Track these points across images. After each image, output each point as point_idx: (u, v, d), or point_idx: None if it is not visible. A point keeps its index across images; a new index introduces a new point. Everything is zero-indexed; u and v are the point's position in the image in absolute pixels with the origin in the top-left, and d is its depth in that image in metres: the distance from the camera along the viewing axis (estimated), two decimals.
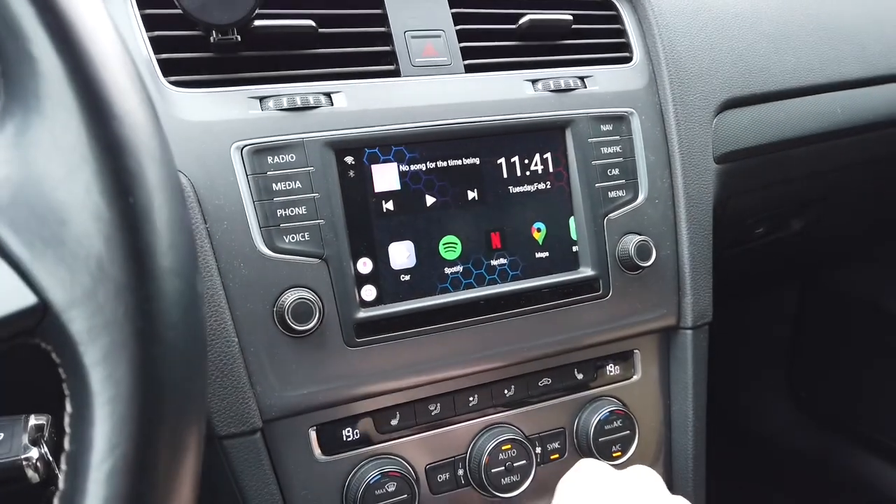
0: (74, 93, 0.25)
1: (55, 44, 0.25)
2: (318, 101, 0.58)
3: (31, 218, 0.25)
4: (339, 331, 0.57)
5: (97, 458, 0.24)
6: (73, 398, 0.25)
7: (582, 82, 0.68)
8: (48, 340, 0.26)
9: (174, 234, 0.27)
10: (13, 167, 0.25)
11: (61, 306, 0.25)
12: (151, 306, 0.25)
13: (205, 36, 0.57)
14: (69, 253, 0.25)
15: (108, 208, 0.25)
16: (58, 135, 0.25)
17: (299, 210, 0.56)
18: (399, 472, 0.60)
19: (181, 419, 0.26)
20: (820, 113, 0.81)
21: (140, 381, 0.25)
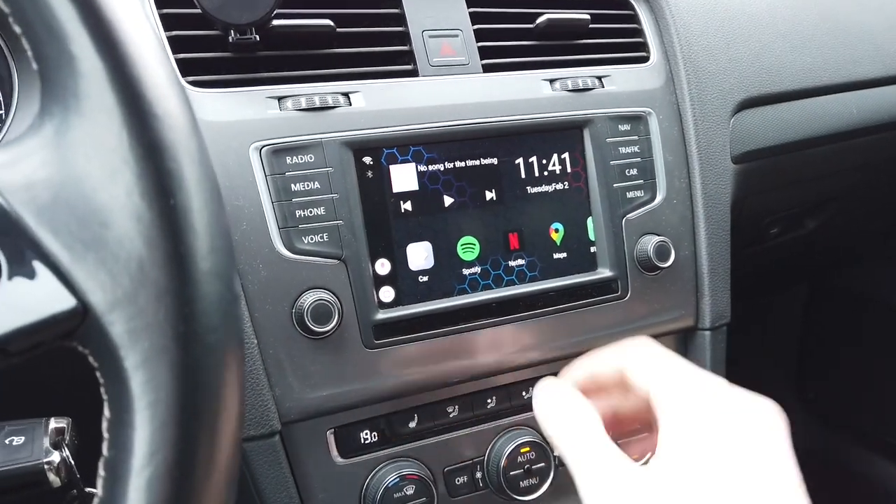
0: (115, 93, 0.25)
1: (96, 44, 0.25)
2: (337, 101, 0.58)
3: (72, 220, 0.24)
4: (358, 332, 0.57)
5: (138, 464, 0.24)
6: (112, 402, 0.25)
7: (599, 82, 0.68)
8: (86, 344, 0.25)
9: (214, 236, 0.26)
10: (53, 168, 0.25)
11: (102, 309, 0.24)
12: (192, 309, 0.25)
13: (223, 36, 0.56)
14: (110, 255, 0.24)
15: (149, 210, 0.25)
16: (98, 136, 0.25)
17: (318, 211, 0.56)
18: (417, 475, 0.60)
19: (221, 423, 0.26)
20: (836, 113, 0.81)
21: (181, 385, 0.24)
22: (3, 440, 0.44)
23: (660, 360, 0.41)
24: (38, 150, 0.26)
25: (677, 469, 0.35)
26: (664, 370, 0.40)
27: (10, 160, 0.25)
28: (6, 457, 0.43)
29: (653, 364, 0.41)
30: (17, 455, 0.43)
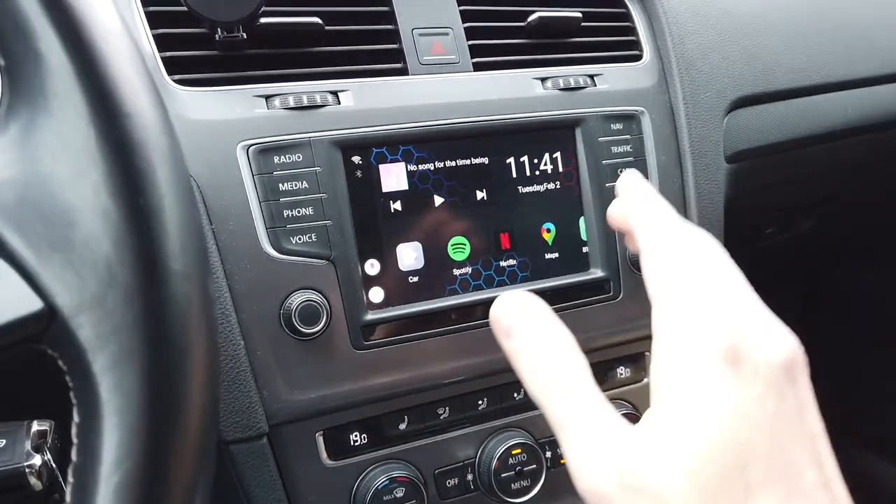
0: (83, 90, 0.24)
1: (63, 40, 0.24)
2: (325, 99, 0.57)
3: (38, 220, 0.24)
4: (347, 333, 0.56)
5: (105, 472, 0.23)
6: (81, 407, 0.24)
7: (591, 80, 0.67)
8: (55, 347, 0.25)
9: (185, 236, 0.26)
10: (18, 168, 0.24)
11: (69, 312, 0.24)
12: (162, 312, 0.24)
13: (210, 33, 0.56)
14: (77, 256, 0.24)
15: (118, 210, 0.24)
16: (65, 134, 0.24)
17: (306, 210, 0.55)
18: (408, 478, 0.59)
19: (193, 430, 0.25)
20: (831, 112, 0.80)
21: (150, 391, 0.24)
22: None
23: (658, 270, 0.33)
24: (4, 149, 0.25)
25: (684, 439, 0.28)
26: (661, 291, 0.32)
27: None
28: None
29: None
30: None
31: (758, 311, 0.32)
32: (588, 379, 0.33)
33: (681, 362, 0.30)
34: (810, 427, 0.30)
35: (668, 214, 0.36)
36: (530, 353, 0.34)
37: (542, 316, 0.35)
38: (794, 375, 0.30)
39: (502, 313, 0.35)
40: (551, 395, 0.32)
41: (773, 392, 0.29)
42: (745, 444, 0.28)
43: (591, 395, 0.32)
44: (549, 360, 0.33)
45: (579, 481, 0.31)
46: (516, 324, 0.34)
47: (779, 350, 0.30)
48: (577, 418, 0.31)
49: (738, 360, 0.29)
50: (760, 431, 0.28)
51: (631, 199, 0.40)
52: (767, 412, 0.29)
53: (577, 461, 0.31)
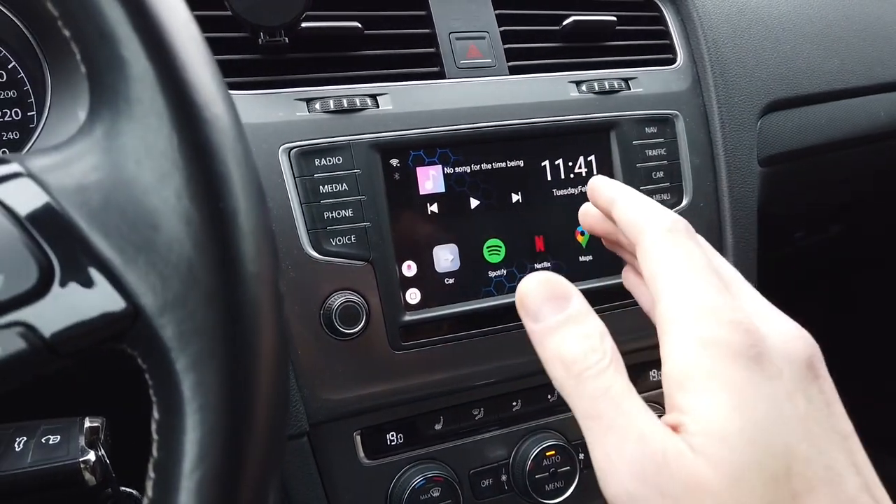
0: (166, 97, 0.25)
1: (147, 48, 0.25)
2: (365, 102, 0.58)
3: (123, 223, 0.25)
4: (385, 334, 0.57)
5: (188, 467, 0.24)
6: (161, 405, 0.25)
7: (626, 84, 0.67)
8: (135, 346, 0.26)
9: (260, 239, 0.26)
10: (104, 172, 0.25)
11: (153, 312, 0.24)
12: (240, 312, 0.25)
13: (252, 38, 0.57)
14: (160, 258, 0.24)
15: (199, 213, 0.25)
16: (148, 139, 0.25)
17: (346, 212, 0.56)
18: (443, 477, 0.60)
19: (268, 426, 0.26)
20: (863, 115, 0.80)
21: (230, 389, 0.25)
22: (40, 439, 0.45)
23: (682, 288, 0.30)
24: (89, 153, 0.26)
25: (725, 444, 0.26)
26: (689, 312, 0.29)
27: (60, 163, 0.26)
28: (43, 455, 0.44)
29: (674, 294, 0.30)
30: (54, 454, 0.44)
31: (767, 307, 0.31)
32: (622, 371, 0.30)
33: (705, 360, 0.28)
34: (841, 425, 0.29)
35: (656, 207, 0.35)
36: (560, 338, 0.31)
37: (572, 299, 0.32)
38: (816, 371, 0.29)
39: (528, 294, 0.33)
40: (581, 386, 0.29)
41: (801, 390, 0.28)
42: (786, 448, 0.26)
43: (625, 390, 0.29)
44: (579, 347, 0.30)
45: (610, 484, 0.28)
46: (544, 306, 0.32)
47: (798, 346, 0.29)
48: (609, 413, 0.29)
49: (761, 357, 0.28)
50: (798, 433, 0.27)
51: (617, 194, 0.38)
52: (800, 411, 0.27)
53: (608, 461, 0.28)
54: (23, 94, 0.60)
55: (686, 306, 0.30)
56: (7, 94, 0.60)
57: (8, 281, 0.23)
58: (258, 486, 0.25)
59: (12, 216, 0.24)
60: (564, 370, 0.30)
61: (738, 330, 0.28)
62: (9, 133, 0.60)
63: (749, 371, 0.27)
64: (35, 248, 0.24)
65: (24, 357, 0.23)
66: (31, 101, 0.60)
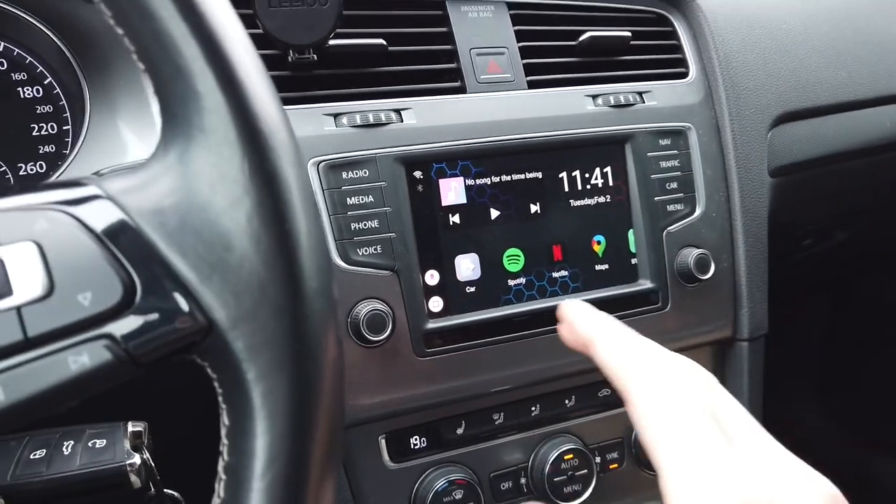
0: (237, 128, 0.27)
1: (220, 81, 0.27)
2: (389, 117, 0.60)
3: (199, 243, 0.27)
4: (410, 341, 0.59)
5: (259, 470, 0.26)
6: (232, 411, 0.27)
7: (640, 97, 0.69)
8: (205, 357, 0.28)
9: (319, 257, 0.28)
10: (180, 195, 0.27)
11: (225, 326, 0.26)
12: (305, 326, 0.27)
13: (282, 55, 0.59)
14: (233, 276, 0.26)
15: (267, 235, 0.27)
16: (221, 167, 0.27)
17: (372, 223, 0.58)
18: (466, 480, 0.62)
19: (329, 430, 0.28)
20: (871, 126, 0.82)
21: (297, 397, 0.26)
22: (87, 443, 0.46)
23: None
24: (164, 177, 0.28)
25: None
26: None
27: (137, 186, 0.28)
28: (90, 459, 0.45)
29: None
30: (101, 457, 0.46)
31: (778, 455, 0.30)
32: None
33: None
34: None
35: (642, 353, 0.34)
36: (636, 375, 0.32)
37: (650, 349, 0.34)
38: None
39: (581, 323, 0.36)
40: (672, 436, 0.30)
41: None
42: None
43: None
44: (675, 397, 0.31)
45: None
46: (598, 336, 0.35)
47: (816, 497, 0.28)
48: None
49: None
50: None
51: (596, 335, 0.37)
52: None
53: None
54: (58, 108, 0.62)
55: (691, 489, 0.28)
56: (44, 109, 0.62)
57: (95, 297, 0.25)
58: (322, 485, 0.27)
59: (95, 236, 0.26)
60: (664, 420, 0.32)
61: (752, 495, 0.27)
62: (45, 146, 0.62)
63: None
64: (118, 267, 0.26)
65: (109, 367, 0.25)
66: (66, 115, 0.62)
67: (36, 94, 0.62)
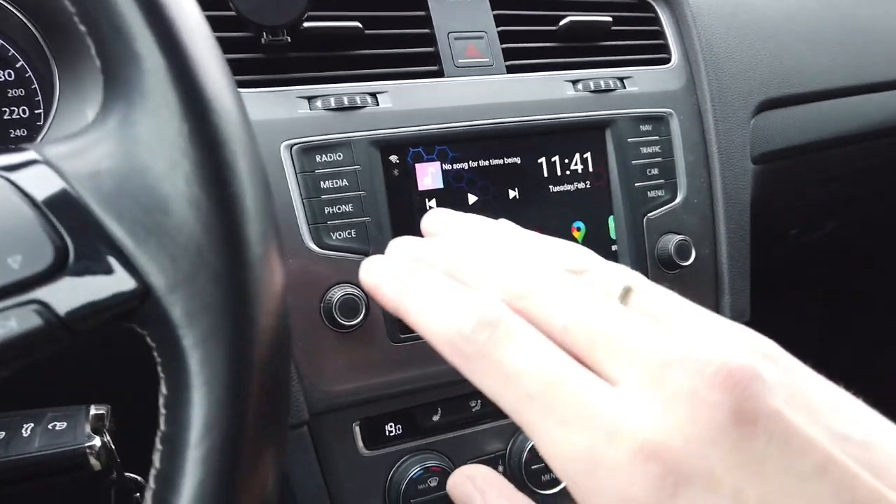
0: (178, 91, 0.26)
1: (160, 43, 0.26)
2: (365, 100, 0.59)
3: (135, 207, 0.26)
4: (384, 326, 0.58)
5: (195, 439, 0.25)
6: (169, 381, 0.26)
7: (621, 83, 0.69)
8: (145, 325, 0.27)
9: (265, 223, 0.28)
10: (118, 160, 0.26)
11: (162, 291, 0.26)
12: (246, 291, 0.26)
13: (255, 37, 0.58)
14: (170, 240, 0.26)
15: (208, 199, 0.26)
16: (160, 130, 0.26)
17: (346, 207, 0.57)
18: (441, 468, 0.61)
19: (271, 401, 0.27)
20: (855, 115, 0.81)
21: (235, 364, 0.26)
22: (47, 425, 0.46)
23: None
24: (103, 142, 0.27)
25: None
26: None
27: (75, 150, 0.27)
28: (49, 441, 0.45)
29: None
30: (61, 439, 0.45)
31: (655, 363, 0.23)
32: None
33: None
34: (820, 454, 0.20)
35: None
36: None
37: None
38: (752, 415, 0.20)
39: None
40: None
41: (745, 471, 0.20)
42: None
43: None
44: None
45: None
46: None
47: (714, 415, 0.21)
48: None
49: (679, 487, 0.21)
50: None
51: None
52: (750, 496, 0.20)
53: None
54: (30, 92, 0.61)
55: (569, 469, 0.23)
56: (15, 93, 0.61)
57: (25, 261, 0.24)
58: (260, 455, 0.26)
59: (29, 200, 0.26)
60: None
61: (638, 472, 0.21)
62: (17, 130, 0.61)
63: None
64: (51, 231, 0.25)
65: (40, 333, 0.25)
66: (38, 99, 0.61)
67: (8, 78, 0.61)
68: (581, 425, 0.22)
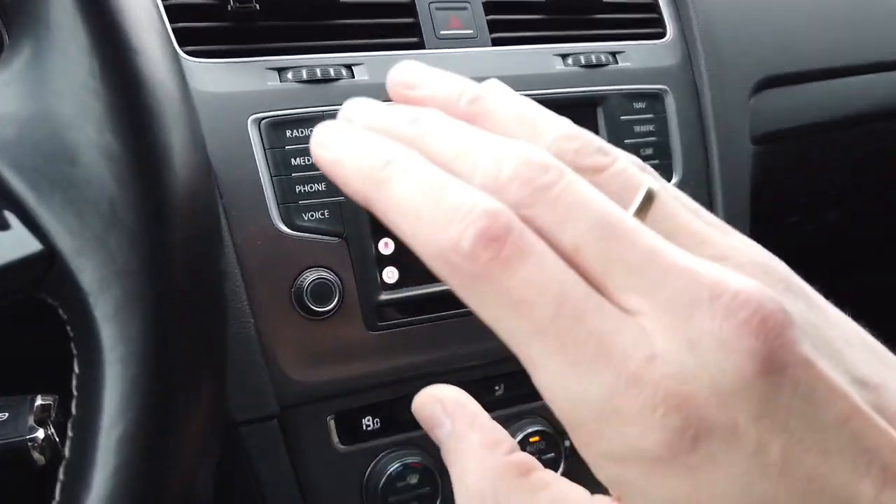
0: (87, 23, 0.23)
1: None
2: (339, 73, 0.56)
3: (38, 157, 0.22)
4: (360, 313, 0.54)
5: (107, 423, 0.22)
6: (82, 357, 0.23)
7: (613, 58, 0.65)
8: (55, 294, 0.23)
9: (194, 179, 0.24)
10: (21, 103, 0.23)
11: (70, 254, 0.22)
12: (167, 255, 0.23)
13: (221, 4, 0.54)
14: (78, 195, 0.22)
15: (122, 147, 0.23)
16: (69, 69, 0.23)
17: (318, 186, 0.54)
18: (422, 464, 0.58)
19: (199, 382, 0.23)
20: (861, 95, 0.78)
21: (155, 339, 0.22)
22: None
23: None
24: (6, 85, 0.24)
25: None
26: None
27: None
28: None
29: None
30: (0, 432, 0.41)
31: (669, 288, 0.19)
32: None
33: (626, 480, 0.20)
34: (835, 410, 0.19)
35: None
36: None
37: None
38: (781, 364, 0.18)
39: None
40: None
41: (769, 427, 0.18)
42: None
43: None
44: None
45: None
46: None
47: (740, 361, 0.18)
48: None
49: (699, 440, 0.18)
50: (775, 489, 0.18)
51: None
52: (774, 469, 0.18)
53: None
54: None
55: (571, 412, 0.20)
56: None
57: None
58: (185, 444, 0.23)
59: None
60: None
61: (655, 420, 0.18)
62: None
63: (689, 472, 0.18)
64: None
65: None
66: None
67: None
68: (597, 369, 0.19)
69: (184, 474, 0.23)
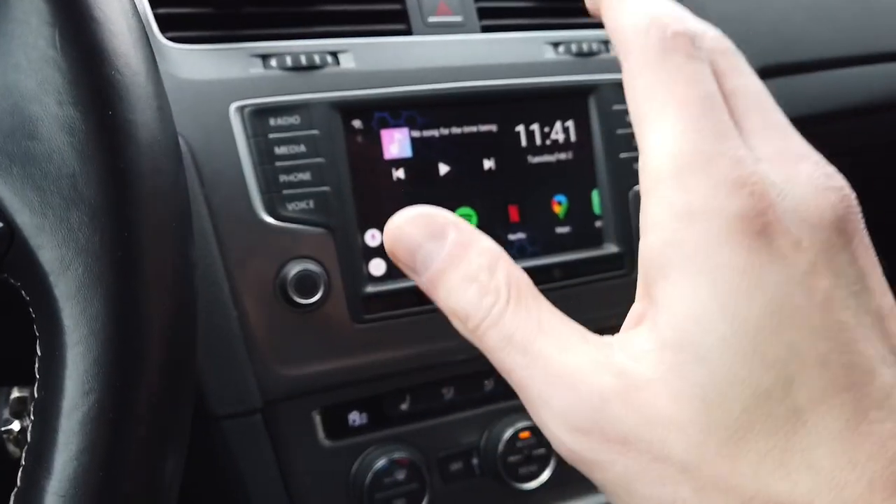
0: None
1: None
2: (325, 60, 0.55)
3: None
4: (346, 305, 0.53)
5: (68, 406, 0.20)
6: (43, 339, 0.22)
7: (605, 46, 0.64)
8: (17, 274, 0.22)
9: (160, 154, 0.23)
10: None
11: (29, 231, 0.21)
12: (131, 233, 0.22)
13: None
14: (39, 170, 0.21)
15: (84, 121, 0.21)
16: (29, 41, 0.22)
17: (303, 176, 0.52)
18: (409, 460, 0.56)
19: (166, 364, 0.22)
20: (859, 86, 0.77)
21: (118, 319, 0.21)
22: None
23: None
24: None
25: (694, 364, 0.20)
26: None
27: None
28: None
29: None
30: None
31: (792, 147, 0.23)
32: (527, 302, 0.23)
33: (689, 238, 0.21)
34: (877, 302, 0.21)
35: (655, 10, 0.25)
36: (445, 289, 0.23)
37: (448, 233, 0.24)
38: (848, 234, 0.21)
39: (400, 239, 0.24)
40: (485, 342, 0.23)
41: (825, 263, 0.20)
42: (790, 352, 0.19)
43: (532, 328, 0.22)
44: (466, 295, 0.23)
45: (556, 446, 0.22)
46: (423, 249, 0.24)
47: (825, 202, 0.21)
48: (518, 366, 0.22)
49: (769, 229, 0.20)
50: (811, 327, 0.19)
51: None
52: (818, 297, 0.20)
53: (542, 422, 0.22)
54: None
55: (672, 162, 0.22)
56: None
57: None
58: (150, 428, 0.22)
59: None
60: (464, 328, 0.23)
61: (738, 193, 0.20)
62: None
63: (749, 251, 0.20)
64: None
65: None
66: None
67: None
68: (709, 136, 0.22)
69: (149, 458, 0.22)
